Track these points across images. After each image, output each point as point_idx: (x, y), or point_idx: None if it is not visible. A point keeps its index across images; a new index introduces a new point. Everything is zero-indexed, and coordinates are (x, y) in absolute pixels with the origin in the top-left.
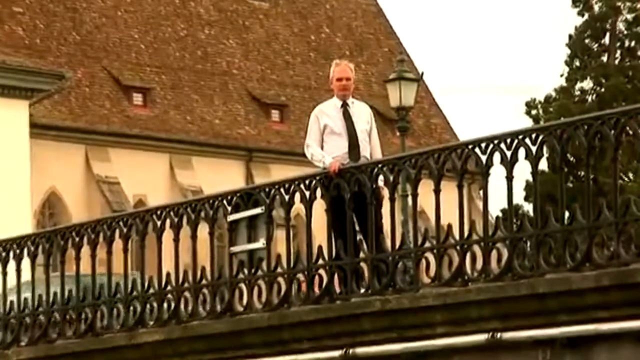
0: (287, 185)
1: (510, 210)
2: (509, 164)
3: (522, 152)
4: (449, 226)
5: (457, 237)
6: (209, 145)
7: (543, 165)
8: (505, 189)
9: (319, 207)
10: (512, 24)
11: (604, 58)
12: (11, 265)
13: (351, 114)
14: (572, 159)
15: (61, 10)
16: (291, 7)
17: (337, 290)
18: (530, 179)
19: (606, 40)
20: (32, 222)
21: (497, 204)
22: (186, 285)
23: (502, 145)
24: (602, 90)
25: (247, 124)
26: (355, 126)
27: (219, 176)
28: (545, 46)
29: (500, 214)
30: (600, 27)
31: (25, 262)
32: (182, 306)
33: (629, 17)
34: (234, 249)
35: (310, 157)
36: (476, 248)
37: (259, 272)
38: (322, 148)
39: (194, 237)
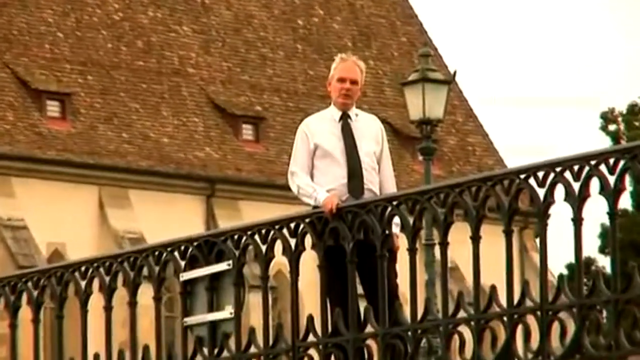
0: (264, 231)
1: (579, 266)
2: (577, 201)
3: (595, 183)
4: (493, 288)
5: (504, 303)
6: (153, 173)
7: (625, 202)
8: (572, 236)
9: (309, 261)
10: (577, 8)
11: None
12: None
13: (354, 131)
14: None
15: None
16: None
17: None
18: (607, 222)
19: None
20: None
21: (560, 257)
22: None
23: (567, 175)
24: None
25: (207, 144)
26: (358, 147)
27: (169, 217)
28: (626, 37)
29: (564, 272)
30: None
31: None
32: None
33: None
34: (190, 320)
35: (296, 190)
36: (531, 319)
37: (225, 353)
38: (312, 178)
39: (132, 303)
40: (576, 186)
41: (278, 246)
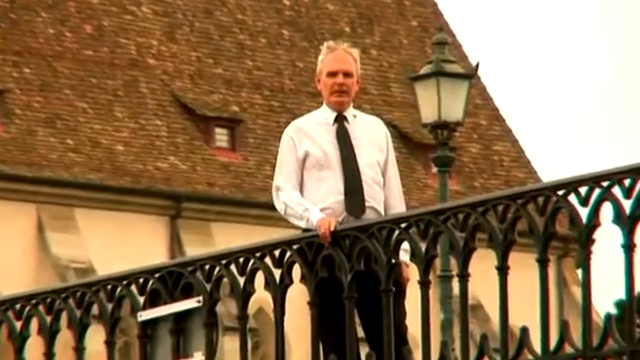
0: (241, 260)
1: (631, 304)
2: (628, 223)
3: None
4: (524, 331)
5: (538, 349)
6: (105, 189)
7: None
8: (622, 266)
9: (298, 297)
10: None
11: None
12: None
13: (351, 136)
14: None
15: None
16: None
17: None
18: None
19: None
20: None
21: (607, 293)
22: None
23: (616, 190)
24: None
25: (172, 153)
26: (358, 156)
27: (124, 243)
28: None
29: (613, 311)
30: None
31: None
32: None
33: None
34: None
35: (282, 209)
36: None
37: None
38: (301, 193)
39: (79, 349)
40: (627, 205)
41: (259, 279)
